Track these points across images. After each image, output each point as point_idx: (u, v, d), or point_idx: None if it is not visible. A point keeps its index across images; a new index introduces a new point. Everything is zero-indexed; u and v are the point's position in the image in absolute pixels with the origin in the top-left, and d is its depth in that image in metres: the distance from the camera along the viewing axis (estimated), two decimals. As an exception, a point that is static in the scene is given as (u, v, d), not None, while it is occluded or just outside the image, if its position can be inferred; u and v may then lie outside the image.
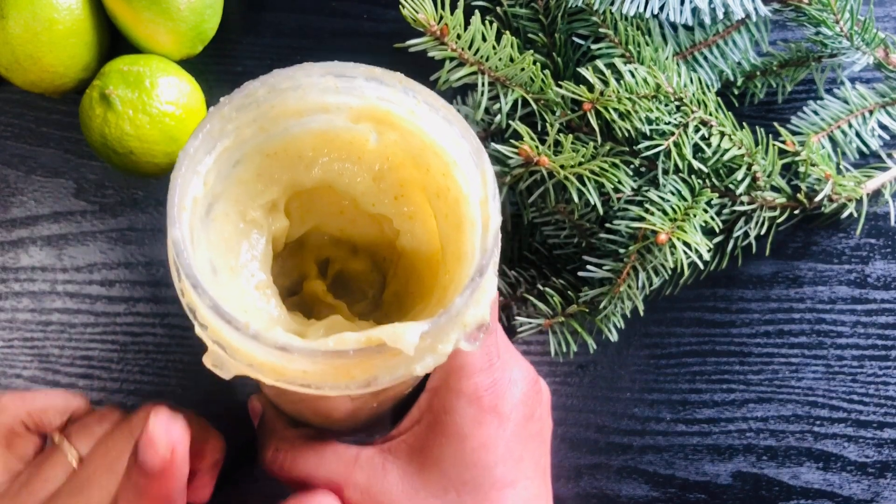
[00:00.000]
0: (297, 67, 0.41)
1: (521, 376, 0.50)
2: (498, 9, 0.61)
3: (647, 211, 0.56)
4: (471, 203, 0.42)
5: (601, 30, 0.59)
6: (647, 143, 0.56)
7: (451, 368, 0.48)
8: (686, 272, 0.57)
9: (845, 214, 0.60)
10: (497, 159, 0.58)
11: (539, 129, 0.58)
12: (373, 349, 0.37)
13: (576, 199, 0.56)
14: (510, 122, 0.57)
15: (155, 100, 0.58)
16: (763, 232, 0.60)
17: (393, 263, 0.49)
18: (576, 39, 0.60)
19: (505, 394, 0.48)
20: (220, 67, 0.65)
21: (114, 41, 0.62)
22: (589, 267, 0.58)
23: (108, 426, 0.52)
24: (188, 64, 0.62)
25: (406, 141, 0.43)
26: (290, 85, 0.42)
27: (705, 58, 0.61)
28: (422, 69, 0.61)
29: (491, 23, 0.55)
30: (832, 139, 0.62)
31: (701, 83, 0.58)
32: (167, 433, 0.43)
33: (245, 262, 0.45)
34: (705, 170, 0.58)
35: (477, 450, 0.47)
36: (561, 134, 0.57)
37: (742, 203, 0.59)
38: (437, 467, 0.48)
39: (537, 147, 0.55)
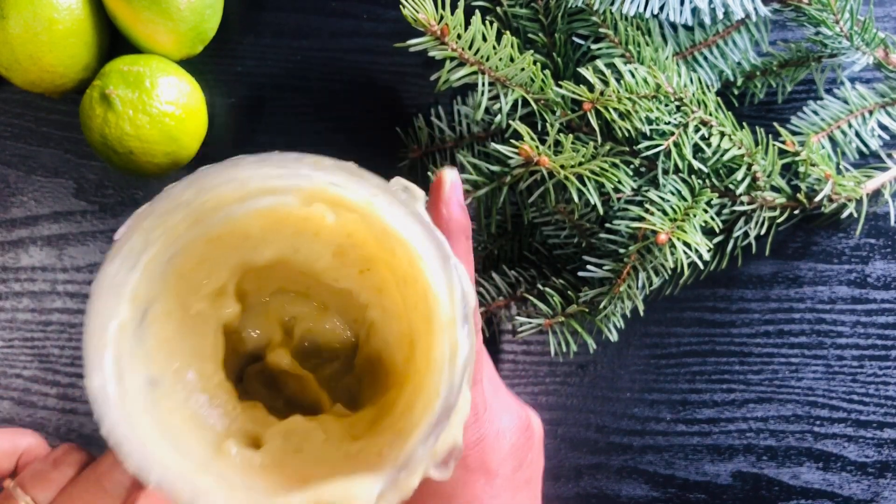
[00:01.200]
0: (228, 163, 0.36)
1: (509, 425, 0.48)
2: (498, 9, 0.61)
3: (647, 211, 0.56)
4: (441, 304, 0.37)
5: (601, 30, 0.59)
6: (647, 143, 0.56)
7: None
8: (686, 272, 0.57)
9: (845, 214, 0.60)
10: (497, 159, 0.58)
11: (539, 129, 0.58)
12: None
13: (576, 199, 0.56)
14: (510, 122, 0.57)
15: (155, 100, 0.58)
16: (763, 232, 0.60)
17: (364, 326, 0.44)
18: (576, 39, 0.60)
19: (493, 450, 0.47)
20: (220, 67, 0.65)
21: (114, 41, 0.62)
22: (589, 267, 0.58)
23: (69, 471, 0.47)
24: (188, 64, 0.62)
25: (367, 222, 0.39)
26: (222, 181, 0.37)
27: (705, 58, 0.61)
28: (422, 69, 0.62)
29: (491, 23, 0.55)
30: (832, 139, 0.62)
31: (701, 83, 0.58)
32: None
33: (190, 363, 0.41)
34: (705, 170, 0.58)
35: None
36: (561, 134, 0.57)
37: (742, 203, 0.59)
38: None
39: (537, 147, 0.55)
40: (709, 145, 0.57)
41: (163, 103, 0.58)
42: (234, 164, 0.36)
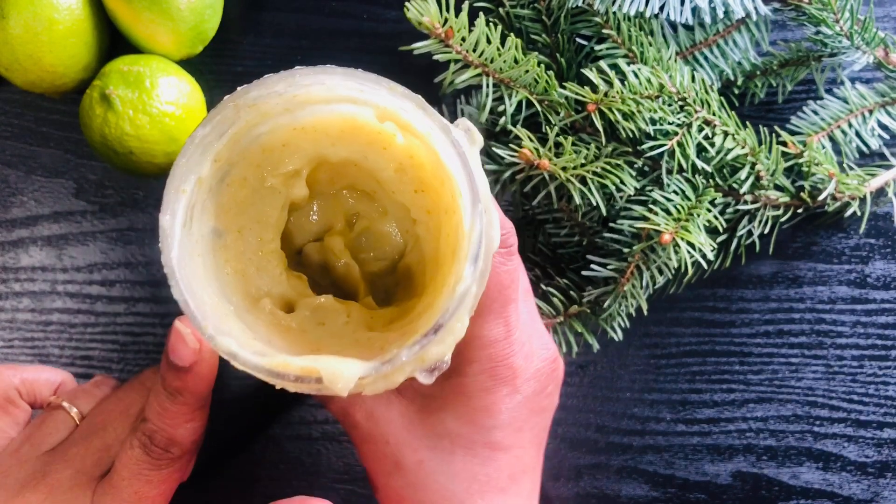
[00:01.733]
0: (319, 68, 0.41)
1: (539, 352, 0.50)
2: (500, 10, 0.60)
3: (650, 211, 0.56)
4: (464, 240, 0.42)
5: (604, 30, 0.59)
6: (650, 144, 0.57)
7: (467, 337, 0.48)
8: (690, 271, 0.57)
9: (849, 213, 0.60)
10: (498, 161, 0.58)
11: (544, 129, 0.58)
12: (312, 379, 0.39)
13: (578, 200, 0.56)
14: (511, 127, 0.57)
15: (155, 100, 0.58)
16: (766, 231, 0.60)
17: (413, 237, 0.50)
18: (579, 40, 0.60)
19: (520, 368, 0.49)
20: (220, 67, 0.65)
21: (114, 41, 0.62)
22: (593, 266, 0.58)
23: (106, 389, 0.56)
24: (188, 64, 0.62)
25: (427, 150, 0.44)
26: (313, 81, 0.42)
27: (706, 57, 0.61)
28: (423, 69, 0.61)
29: (495, 25, 0.55)
30: (832, 139, 0.62)
31: (703, 83, 0.58)
32: (193, 331, 0.48)
33: (253, 225, 0.46)
34: (709, 169, 0.58)
35: (479, 411, 0.48)
36: (562, 136, 0.57)
37: (746, 202, 0.59)
38: (438, 415, 0.49)
39: (537, 150, 0.55)
40: (712, 145, 0.57)
41: (163, 103, 0.58)
42: (324, 70, 0.41)
